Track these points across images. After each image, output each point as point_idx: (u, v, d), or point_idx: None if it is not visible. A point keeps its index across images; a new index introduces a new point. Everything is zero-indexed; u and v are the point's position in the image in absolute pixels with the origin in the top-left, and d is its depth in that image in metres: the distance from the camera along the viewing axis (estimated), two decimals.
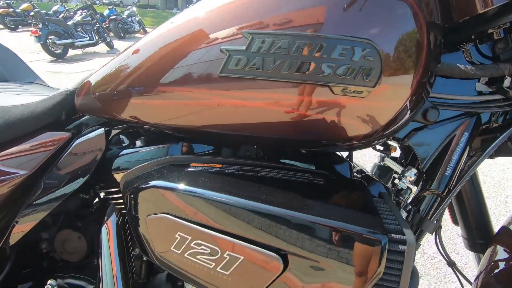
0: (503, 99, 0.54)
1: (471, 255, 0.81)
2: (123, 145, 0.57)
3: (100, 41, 8.37)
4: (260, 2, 0.39)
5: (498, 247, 0.67)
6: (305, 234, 0.34)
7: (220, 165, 0.46)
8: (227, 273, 0.38)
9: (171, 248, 0.42)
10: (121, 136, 0.58)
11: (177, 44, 0.43)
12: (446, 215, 0.78)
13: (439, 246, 0.70)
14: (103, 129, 0.55)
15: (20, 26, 11.35)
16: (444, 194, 0.57)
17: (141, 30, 12.12)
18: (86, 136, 0.55)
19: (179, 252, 0.41)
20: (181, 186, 0.41)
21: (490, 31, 0.49)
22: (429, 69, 0.41)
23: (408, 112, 0.42)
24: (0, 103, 0.59)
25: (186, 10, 0.47)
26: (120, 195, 0.58)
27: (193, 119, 0.45)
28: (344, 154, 0.59)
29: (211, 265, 0.39)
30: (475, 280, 0.66)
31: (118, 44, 9.15)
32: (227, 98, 0.41)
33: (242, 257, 0.37)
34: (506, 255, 0.65)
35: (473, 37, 0.51)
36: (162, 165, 0.47)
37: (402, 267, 0.33)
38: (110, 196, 0.59)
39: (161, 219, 0.42)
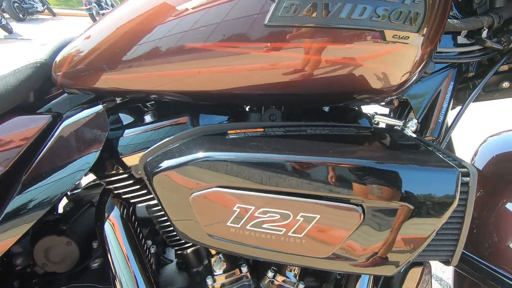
0: (480, 49, 0.61)
1: None
2: (127, 123, 0.48)
3: None
4: None
5: None
6: (380, 181, 0.34)
7: (262, 129, 0.42)
8: (301, 235, 0.36)
9: (228, 224, 0.38)
10: (123, 113, 0.49)
11: None
12: None
13: None
14: (101, 105, 0.45)
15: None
16: (440, 139, 0.63)
17: (46, 11, 10.39)
18: (77, 116, 0.45)
19: (238, 225, 0.37)
20: (233, 153, 0.37)
21: None
22: (447, 18, 0.44)
23: (427, 60, 0.44)
24: None
25: None
26: (127, 182, 0.49)
27: (216, 82, 0.40)
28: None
29: (281, 231, 0.36)
30: None
31: (18, 27, 7.69)
32: (273, 50, 0.37)
33: (318, 215, 0.35)
34: None
35: None
36: (190, 137, 0.42)
37: (468, 196, 0.36)
38: (113, 186, 0.50)
39: (210, 195, 0.37)
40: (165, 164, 0.39)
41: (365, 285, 0.55)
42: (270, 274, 0.54)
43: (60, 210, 0.70)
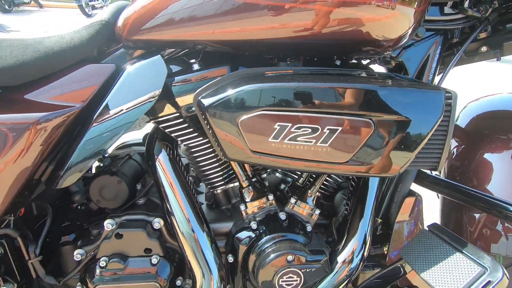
0: (463, 17, 0.73)
1: None
2: (178, 70, 0.59)
3: None
4: None
5: (452, 140, 0.93)
6: (385, 100, 0.46)
7: (292, 71, 0.53)
8: (326, 144, 0.48)
9: (269, 140, 0.49)
10: (174, 64, 0.59)
11: None
12: None
13: None
14: (159, 55, 0.55)
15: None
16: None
17: (33, 2, 10.14)
18: (139, 63, 0.55)
19: (278, 140, 0.49)
20: (272, 83, 0.48)
21: None
22: None
23: (415, 27, 0.56)
24: (23, 37, 0.53)
25: None
26: (178, 120, 0.60)
27: (249, 32, 0.51)
28: None
29: (311, 142, 0.48)
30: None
31: (4, 19, 7.50)
32: (298, 11, 0.48)
33: (340, 128, 0.47)
34: (456, 144, 0.91)
35: None
36: (236, 77, 0.52)
37: (450, 113, 0.48)
38: (165, 125, 0.61)
39: (256, 117, 0.48)
40: (217, 97, 0.50)
41: (369, 214, 0.68)
42: (292, 200, 0.66)
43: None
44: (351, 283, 0.69)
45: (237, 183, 0.70)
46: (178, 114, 0.60)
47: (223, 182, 0.70)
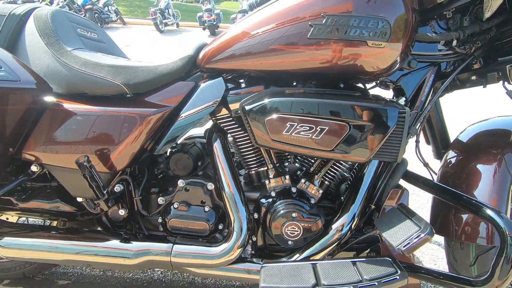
0: (453, 53, 0.94)
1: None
2: (233, 86, 0.92)
3: None
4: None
5: (451, 151, 1.09)
6: (357, 111, 0.73)
7: (302, 90, 0.83)
8: (319, 138, 0.75)
9: (283, 133, 0.78)
10: (231, 81, 0.92)
11: (279, 19, 0.78)
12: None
13: (417, 153, 1.11)
14: (221, 78, 0.89)
15: None
16: (421, 111, 0.97)
17: (119, 20, 11.92)
18: (208, 81, 0.89)
19: (288, 133, 0.78)
20: (288, 97, 0.78)
21: (444, 13, 0.88)
22: (412, 36, 0.79)
23: (401, 60, 0.80)
24: (147, 64, 0.92)
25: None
26: (229, 119, 0.93)
27: (282, 65, 0.81)
28: None
29: (309, 135, 0.76)
30: (438, 171, 1.08)
31: None
32: (312, 50, 0.77)
33: (327, 127, 0.74)
34: (454, 155, 1.08)
35: (435, 16, 0.90)
36: (266, 93, 0.83)
37: (404, 120, 0.72)
38: (221, 121, 0.94)
39: (276, 118, 0.78)
40: (254, 105, 0.81)
41: (361, 198, 0.91)
42: (302, 180, 0.93)
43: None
44: (340, 246, 0.93)
45: (264, 168, 1.00)
46: (229, 115, 0.93)
47: (256, 166, 1.01)
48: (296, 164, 1.03)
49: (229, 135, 0.98)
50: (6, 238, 0.90)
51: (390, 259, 0.79)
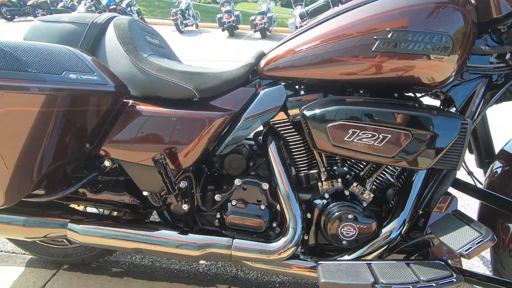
0: (505, 66, 0.97)
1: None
2: (292, 93, 0.98)
3: None
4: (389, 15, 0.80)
5: (497, 161, 1.12)
6: (420, 121, 0.77)
7: (363, 99, 0.88)
8: (381, 145, 0.80)
9: (345, 138, 0.84)
10: (291, 88, 0.98)
11: (344, 30, 0.84)
12: None
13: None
14: (282, 85, 0.95)
15: (16, 16, 11.24)
16: (473, 121, 1.00)
17: (140, 20, 12.16)
18: (269, 88, 0.96)
19: (350, 139, 0.83)
20: (352, 106, 0.83)
21: (499, 27, 0.91)
22: (470, 50, 0.83)
23: (457, 72, 0.84)
24: (214, 71, 0.99)
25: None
26: (287, 123, 0.99)
27: (342, 75, 0.86)
28: None
29: (371, 142, 0.81)
30: (484, 180, 1.11)
31: None
32: (375, 62, 0.82)
33: (389, 135, 0.79)
34: (500, 165, 1.10)
35: (489, 30, 0.93)
36: (328, 101, 0.89)
37: (466, 133, 0.76)
38: (278, 125, 1.00)
39: (339, 125, 0.83)
40: (316, 111, 0.87)
41: (410, 204, 0.96)
42: (355, 184, 0.98)
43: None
44: (389, 250, 0.98)
45: (314, 171, 1.05)
46: (287, 119, 0.99)
47: (306, 168, 1.06)
48: (344, 168, 1.08)
49: (284, 138, 1.04)
50: (82, 226, 0.99)
51: (443, 263, 0.84)
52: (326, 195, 1.00)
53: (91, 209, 1.27)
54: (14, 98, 0.70)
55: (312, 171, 1.06)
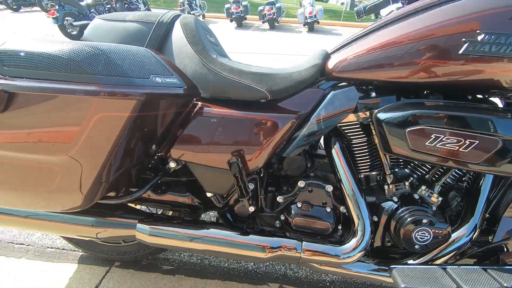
0: None
1: None
2: (362, 95, 0.96)
3: None
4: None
5: None
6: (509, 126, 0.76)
7: (442, 103, 0.86)
8: (466, 150, 0.79)
9: (426, 143, 0.82)
10: (361, 91, 0.96)
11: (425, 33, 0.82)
12: None
13: None
14: (353, 87, 0.93)
15: (22, 7, 11.13)
16: None
17: (147, 10, 12.10)
18: (340, 90, 0.94)
19: (432, 144, 0.82)
20: (434, 110, 0.81)
21: None
22: None
23: None
24: (282, 72, 0.97)
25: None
26: (355, 126, 0.98)
27: (420, 77, 0.84)
28: None
29: (456, 148, 0.80)
30: None
31: None
32: (462, 66, 0.80)
33: (477, 141, 0.78)
34: None
35: None
36: (407, 104, 0.87)
37: None
38: (346, 128, 0.99)
39: (420, 130, 0.82)
40: (393, 114, 0.85)
41: (481, 208, 0.95)
42: (423, 187, 0.98)
43: None
44: (460, 254, 0.98)
45: (374, 172, 1.04)
46: (356, 122, 0.97)
47: (368, 170, 1.05)
48: (406, 170, 1.07)
49: (349, 140, 1.03)
50: (150, 227, 0.99)
51: None
52: (395, 199, 0.99)
53: (141, 208, 1.28)
54: (110, 103, 0.69)
55: (373, 173, 1.06)
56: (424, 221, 0.92)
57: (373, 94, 0.96)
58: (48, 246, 1.44)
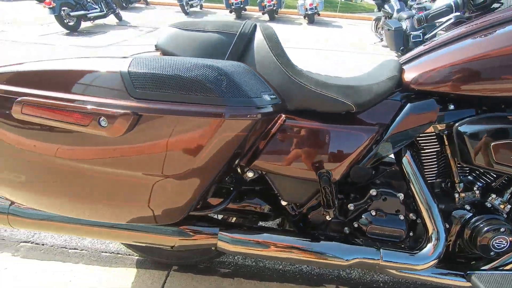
0: None
1: None
2: (442, 107, 0.98)
3: (109, 13, 8.19)
4: None
5: None
6: None
7: None
8: None
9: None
10: (439, 103, 0.99)
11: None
12: None
13: None
14: (433, 99, 0.96)
15: None
16: None
17: (142, 0, 11.80)
18: (419, 102, 0.96)
19: None
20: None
21: None
22: None
23: None
24: (363, 84, 0.99)
25: None
26: (432, 137, 1.01)
27: (504, 92, 0.88)
28: None
29: None
30: None
31: (123, 15, 8.89)
32: None
33: None
34: None
35: None
36: (489, 117, 0.90)
37: None
38: (424, 138, 1.02)
39: (506, 143, 0.86)
40: (477, 127, 0.89)
41: None
42: (493, 195, 1.02)
43: None
44: None
45: (439, 179, 1.08)
46: (433, 133, 1.00)
47: (434, 178, 1.09)
48: (470, 178, 1.11)
49: (419, 149, 1.06)
50: (232, 235, 1.01)
51: None
52: (467, 207, 1.03)
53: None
54: (232, 124, 0.70)
55: (437, 180, 1.09)
56: (502, 229, 0.96)
57: (452, 107, 0.99)
58: (102, 250, 1.45)
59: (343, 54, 6.19)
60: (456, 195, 1.05)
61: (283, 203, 1.07)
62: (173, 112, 0.65)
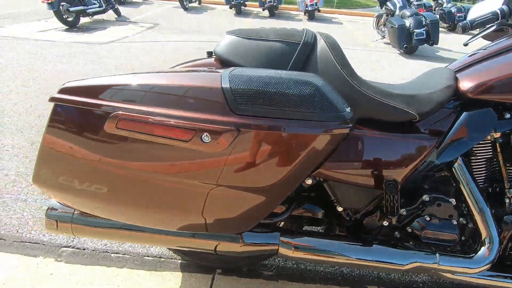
0: None
1: None
2: (499, 116, 1.01)
3: (108, 8, 8.04)
4: None
5: None
6: None
7: None
8: None
9: None
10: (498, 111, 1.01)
11: None
12: None
13: None
14: (490, 108, 0.99)
15: None
16: None
17: None
18: (477, 111, 0.99)
19: None
20: None
21: None
22: None
23: None
24: (422, 93, 1.00)
25: None
26: (487, 144, 1.04)
27: None
28: None
29: None
30: None
31: (122, 11, 8.74)
32: None
33: None
34: None
35: None
36: None
37: None
38: (479, 145, 1.05)
39: None
40: None
41: None
42: None
43: None
44: None
45: (487, 184, 1.11)
46: (489, 141, 1.03)
47: (482, 183, 1.12)
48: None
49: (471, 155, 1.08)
50: (294, 241, 1.03)
51: None
52: None
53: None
54: (323, 139, 0.71)
55: (486, 185, 1.13)
56: None
57: (508, 115, 1.02)
58: (144, 254, 1.45)
59: (346, 51, 6.21)
60: (507, 200, 1.08)
61: (339, 209, 1.09)
62: (275, 128, 0.66)
